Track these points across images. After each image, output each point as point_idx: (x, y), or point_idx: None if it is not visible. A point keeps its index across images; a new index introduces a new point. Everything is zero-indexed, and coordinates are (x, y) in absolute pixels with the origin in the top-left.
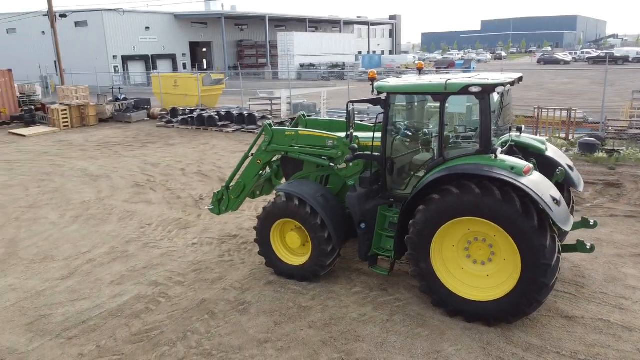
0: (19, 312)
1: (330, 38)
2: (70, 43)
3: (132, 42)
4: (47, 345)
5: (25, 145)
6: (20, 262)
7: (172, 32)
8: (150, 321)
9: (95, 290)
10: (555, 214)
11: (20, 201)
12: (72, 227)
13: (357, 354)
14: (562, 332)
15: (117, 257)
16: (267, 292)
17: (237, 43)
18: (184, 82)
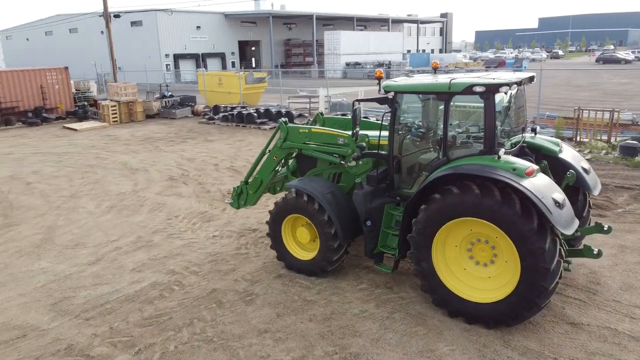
0: (46, 293)
1: (377, 36)
2: (126, 42)
3: (184, 41)
4: (66, 324)
5: (76, 139)
6: (55, 247)
7: (222, 31)
8: (162, 307)
9: (117, 276)
10: (554, 217)
11: (64, 191)
12: (106, 217)
13: (352, 349)
14: (564, 338)
15: (142, 246)
16: (275, 285)
17: (285, 42)
18: (228, 80)
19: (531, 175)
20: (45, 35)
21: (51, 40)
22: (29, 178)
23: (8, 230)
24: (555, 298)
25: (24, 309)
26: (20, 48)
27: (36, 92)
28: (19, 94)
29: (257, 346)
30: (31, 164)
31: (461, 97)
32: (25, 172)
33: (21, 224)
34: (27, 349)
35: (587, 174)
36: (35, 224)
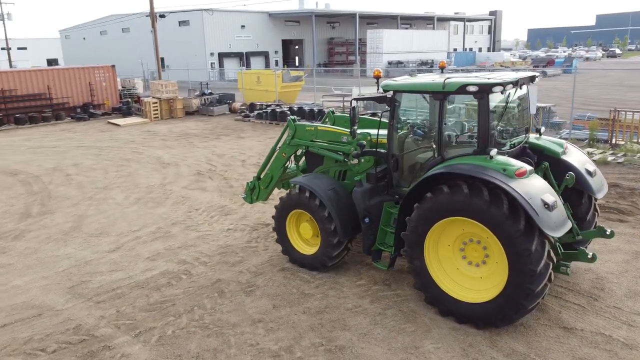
0: (66, 277)
1: (420, 35)
2: (174, 41)
3: (228, 40)
4: (79, 306)
5: (118, 134)
6: (81, 235)
7: (265, 30)
8: (168, 294)
9: (132, 263)
10: (541, 219)
11: (98, 183)
12: (132, 208)
13: (338, 341)
14: (553, 342)
15: (160, 237)
16: (277, 278)
17: (328, 40)
18: (266, 78)
19: (522, 177)
20: (100, 35)
21: (105, 40)
22: (69, 170)
23: (43, 218)
24: (553, 302)
25: (44, 290)
26: (78, 47)
27: (85, 89)
28: (69, 90)
29: (249, 334)
30: (73, 156)
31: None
32: (67, 164)
33: (55, 212)
34: (41, 327)
35: (592, 177)
36: (67, 212)
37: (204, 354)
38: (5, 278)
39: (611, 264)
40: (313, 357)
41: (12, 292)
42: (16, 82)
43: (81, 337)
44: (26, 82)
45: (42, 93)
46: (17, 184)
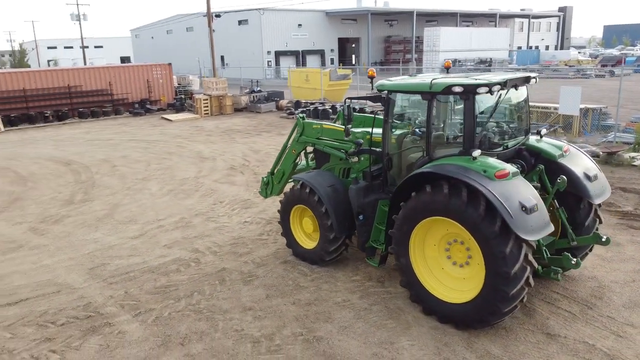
0: (89, 259)
1: (480, 33)
2: (233, 39)
3: (285, 38)
4: (94, 286)
5: (168, 129)
6: (112, 221)
7: (322, 28)
8: (174, 279)
9: (149, 250)
10: (515, 222)
11: (139, 174)
12: (163, 199)
13: (318, 333)
14: (531, 347)
15: (181, 226)
16: (278, 270)
17: (385, 39)
18: (314, 77)
19: (503, 178)
20: (166, 34)
21: (171, 38)
22: (117, 161)
23: (82, 205)
24: (544, 307)
25: (68, 270)
26: (146, 45)
27: (143, 86)
28: (128, 87)
29: (237, 321)
30: (123, 149)
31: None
32: (116, 156)
33: (95, 200)
34: (57, 302)
35: (590, 182)
36: (105, 201)
37: (191, 335)
38: (38, 257)
39: (619, 272)
40: (290, 345)
41: (40, 270)
42: (81, 78)
43: (88, 313)
44: (90, 78)
45: (104, 89)
46: (68, 173)
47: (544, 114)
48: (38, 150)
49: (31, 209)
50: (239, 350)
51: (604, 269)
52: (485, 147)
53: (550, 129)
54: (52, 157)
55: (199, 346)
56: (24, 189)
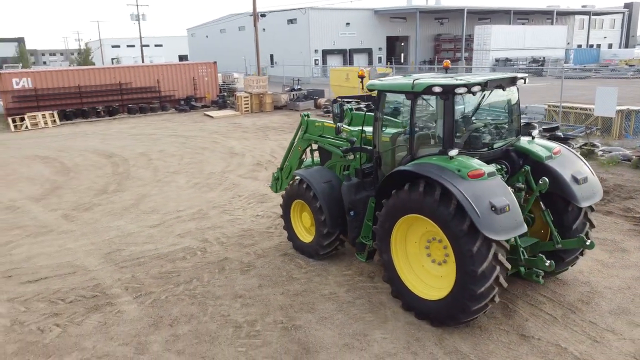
0: (107, 245)
1: (535, 31)
2: (282, 38)
3: (333, 37)
4: (106, 269)
5: (208, 125)
6: (136, 211)
7: (370, 27)
8: (179, 266)
9: (163, 238)
10: (481, 221)
11: (171, 167)
12: (187, 192)
13: (298, 321)
14: (501, 347)
15: (197, 217)
16: (276, 261)
17: (435, 37)
18: (354, 76)
19: (476, 178)
20: (220, 33)
21: (224, 37)
22: (153, 155)
23: (114, 195)
24: (526, 309)
25: (87, 254)
26: (201, 44)
27: (189, 83)
28: (175, 84)
29: (225, 307)
30: (162, 144)
31: None
32: (154, 150)
33: (126, 190)
34: (70, 282)
35: (578, 184)
36: (135, 192)
37: (181, 317)
38: (63, 241)
39: (616, 279)
40: (269, 332)
41: (63, 253)
42: (131, 76)
43: (95, 293)
44: (140, 76)
45: (153, 86)
46: (107, 165)
47: (581, 115)
48: (86, 143)
49: (68, 197)
50: (220, 333)
51: (601, 274)
52: (469, 147)
53: (586, 131)
54: (97, 149)
55: (185, 328)
56: (66, 178)
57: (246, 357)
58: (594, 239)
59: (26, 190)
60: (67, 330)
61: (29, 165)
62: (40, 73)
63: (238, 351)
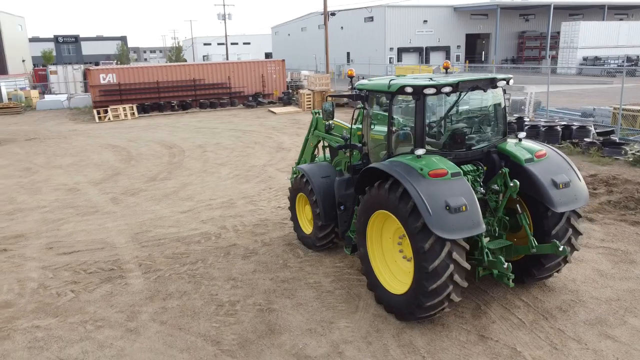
0: (139, 226)
1: (630, 27)
2: (359, 36)
3: (409, 35)
4: (129, 246)
5: (268, 121)
6: (174, 198)
7: (449, 24)
8: (190, 249)
9: (187, 223)
10: (432, 220)
11: (219, 159)
12: (225, 182)
13: (274, 305)
14: (456, 344)
15: (224, 206)
16: (277, 250)
17: (519, 34)
18: None
19: (438, 177)
20: (301, 31)
21: (305, 35)
22: (209, 147)
23: (161, 182)
24: (497, 311)
25: (119, 233)
26: (283, 42)
27: (258, 80)
28: (245, 81)
29: (216, 287)
30: (221, 137)
31: None
32: (211, 142)
33: (172, 179)
34: (96, 256)
35: (557, 189)
36: (179, 180)
37: (174, 293)
38: (104, 221)
39: (608, 289)
40: (246, 312)
41: (100, 231)
42: (204, 72)
43: (112, 267)
44: (212, 73)
45: (224, 83)
46: (166, 155)
47: (633, 118)
48: (155, 135)
49: (122, 182)
50: (203, 310)
51: (594, 284)
52: (447, 148)
53: None
54: (162, 140)
55: (175, 302)
56: (127, 166)
57: (216, 332)
58: (599, 247)
59: (90, 175)
60: (78, 296)
61: (100, 153)
62: (124, 69)
63: (212, 326)
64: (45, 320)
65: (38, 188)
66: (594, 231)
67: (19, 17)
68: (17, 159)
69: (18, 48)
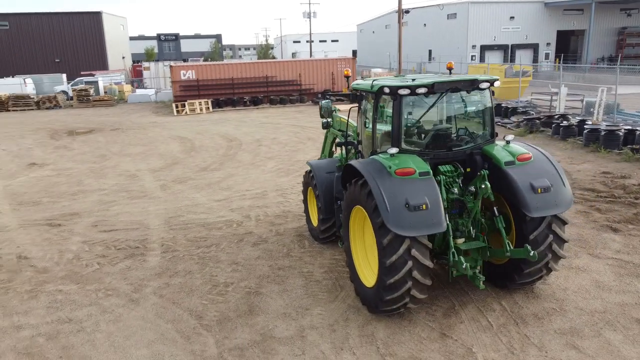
0: (174, 211)
1: None
2: (441, 33)
3: (493, 32)
4: (160, 228)
5: None
6: (216, 187)
7: (538, 20)
8: (210, 234)
9: (217, 211)
10: (388, 216)
11: (270, 153)
12: (266, 175)
13: (262, 289)
14: (414, 340)
15: (257, 197)
16: (286, 240)
17: (619, 30)
18: (491, 73)
19: (405, 176)
20: (385, 29)
21: (388, 33)
22: (265, 142)
23: (210, 172)
24: (470, 313)
25: (155, 216)
26: (368, 39)
27: (328, 78)
28: (315, 78)
29: (219, 270)
30: (280, 132)
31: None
32: (268, 137)
33: (220, 170)
34: (130, 235)
35: (534, 193)
36: (226, 171)
37: (181, 272)
38: (148, 204)
39: (598, 301)
40: (235, 293)
41: (141, 213)
42: (277, 70)
43: (139, 244)
44: (284, 70)
45: (294, 80)
46: (223, 148)
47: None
48: (221, 128)
49: (176, 171)
50: (199, 288)
51: (587, 294)
52: (427, 148)
53: None
54: (225, 134)
55: (178, 280)
56: (186, 156)
57: (203, 308)
58: (611, 259)
59: (153, 163)
60: (102, 268)
61: (167, 144)
62: (202, 66)
63: (201, 303)
64: (68, 286)
65: (105, 173)
66: (613, 242)
67: (121, 18)
68: (97, 146)
69: (119, 46)
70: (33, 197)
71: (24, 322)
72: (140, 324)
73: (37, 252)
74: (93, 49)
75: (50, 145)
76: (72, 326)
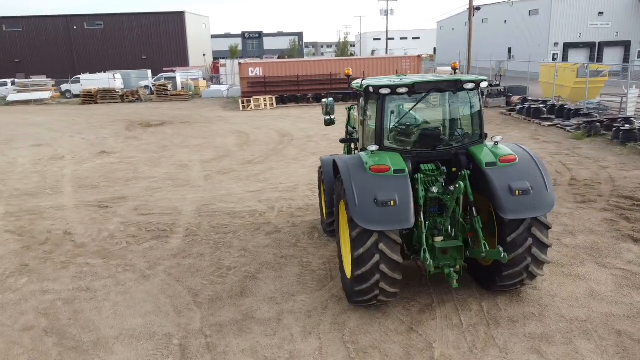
0: (209, 200)
1: None
2: (522, 31)
3: (579, 28)
4: (190, 215)
5: None
6: (253, 179)
7: (631, 15)
8: (232, 222)
9: (247, 201)
10: (355, 210)
11: (316, 149)
12: (303, 171)
13: (260, 275)
14: (380, 332)
15: (287, 190)
16: (298, 232)
17: None
18: (562, 73)
19: (379, 173)
20: (464, 25)
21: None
22: (315, 138)
23: (253, 165)
24: (445, 311)
25: (190, 203)
26: (447, 36)
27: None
28: (379, 75)
29: (228, 254)
30: (331, 129)
31: None
32: (320, 133)
33: (263, 163)
34: (162, 219)
35: (512, 195)
36: (268, 165)
37: (194, 254)
38: (187, 192)
39: (583, 310)
40: (234, 276)
41: (179, 200)
42: (340, 67)
43: (167, 227)
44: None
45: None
46: (275, 142)
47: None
48: (279, 124)
49: (224, 163)
50: (204, 270)
51: (575, 302)
52: (413, 145)
53: None
54: (281, 129)
55: (189, 261)
56: (238, 149)
57: (201, 288)
58: (619, 269)
59: (205, 155)
60: (128, 247)
61: (225, 137)
62: (269, 64)
63: (201, 283)
64: (95, 260)
65: (160, 163)
66: (628, 252)
67: (203, 17)
68: (162, 137)
69: (200, 43)
70: (93, 182)
71: (51, 288)
72: (144, 297)
73: (81, 229)
74: (176, 46)
75: (123, 135)
76: (87, 294)
